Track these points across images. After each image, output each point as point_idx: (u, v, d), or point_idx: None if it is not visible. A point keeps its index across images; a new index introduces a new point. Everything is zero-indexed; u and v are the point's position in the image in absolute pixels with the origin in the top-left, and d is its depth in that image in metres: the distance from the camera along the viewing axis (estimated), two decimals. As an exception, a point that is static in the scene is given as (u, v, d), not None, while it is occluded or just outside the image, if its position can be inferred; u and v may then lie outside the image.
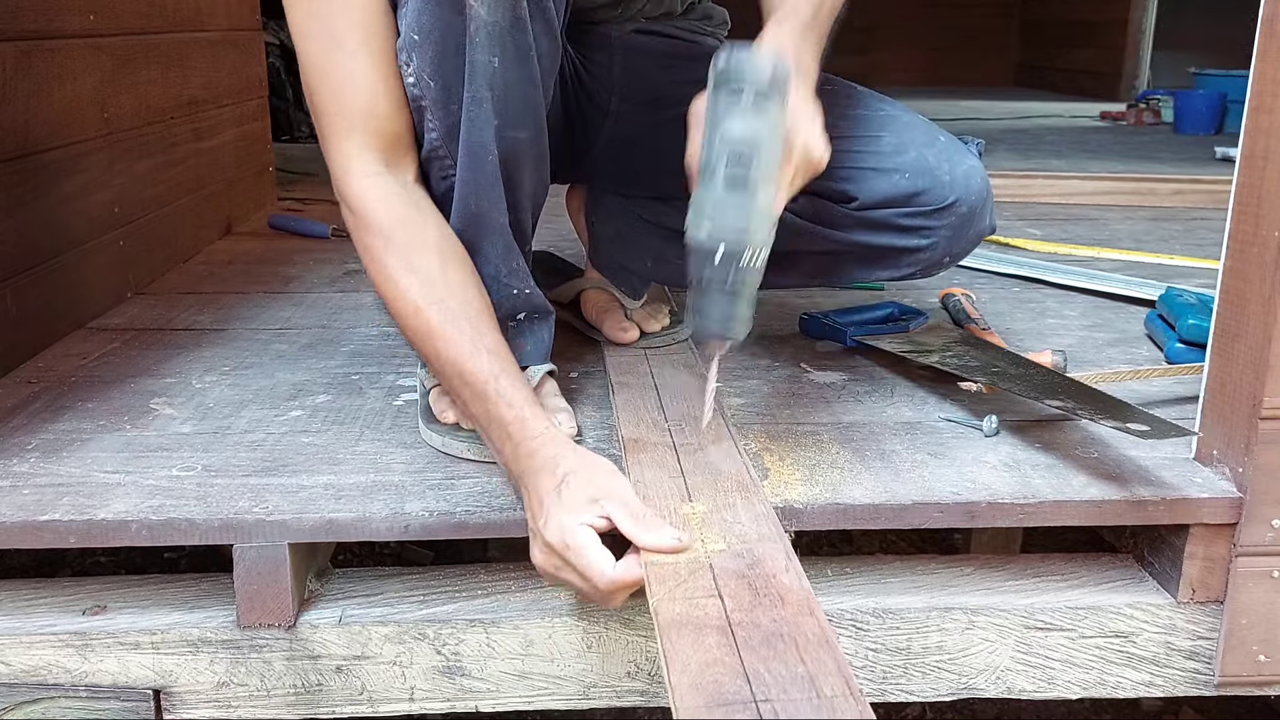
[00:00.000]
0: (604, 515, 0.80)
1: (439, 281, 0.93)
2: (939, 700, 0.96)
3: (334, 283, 1.68)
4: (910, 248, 1.11)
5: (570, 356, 1.30)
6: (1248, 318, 0.91)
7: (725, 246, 0.82)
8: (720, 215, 0.82)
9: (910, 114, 1.15)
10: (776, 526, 0.85)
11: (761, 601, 0.75)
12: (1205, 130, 3.96)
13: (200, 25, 1.92)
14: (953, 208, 1.08)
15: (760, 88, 0.81)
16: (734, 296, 0.84)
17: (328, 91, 0.95)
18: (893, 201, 1.09)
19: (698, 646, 0.70)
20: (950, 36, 6.63)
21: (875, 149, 1.10)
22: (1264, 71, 0.88)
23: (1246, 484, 0.92)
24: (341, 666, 0.92)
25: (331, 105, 0.95)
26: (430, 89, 0.93)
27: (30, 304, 1.29)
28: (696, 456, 0.96)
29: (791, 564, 0.79)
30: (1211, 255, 1.80)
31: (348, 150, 0.95)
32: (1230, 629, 0.94)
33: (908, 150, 1.09)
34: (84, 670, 0.90)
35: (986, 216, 1.12)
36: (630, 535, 0.80)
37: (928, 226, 1.09)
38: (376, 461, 1.00)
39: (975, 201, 1.09)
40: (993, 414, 1.07)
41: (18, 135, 1.26)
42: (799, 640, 0.71)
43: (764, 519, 0.86)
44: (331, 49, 0.94)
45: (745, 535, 0.83)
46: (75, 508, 0.90)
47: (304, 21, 0.95)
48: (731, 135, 0.82)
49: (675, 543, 0.80)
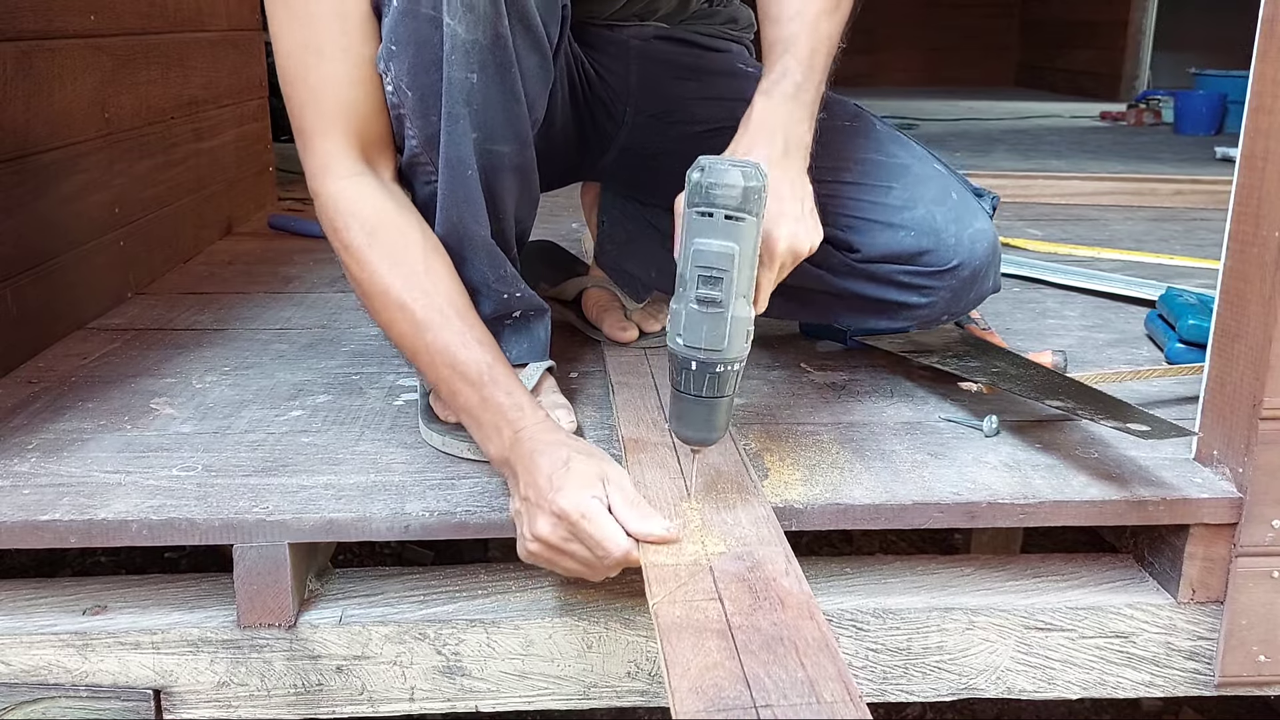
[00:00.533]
0: (605, 497, 0.81)
1: (423, 277, 0.93)
2: (939, 700, 0.96)
3: (334, 283, 1.68)
4: (909, 304, 1.10)
5: (570, 356, 1.30)
6: (1248, 318, 0.91)
7: (697, 362, 0.81)
8: (692, 332, 0.80)
9: (926, 163, 1.13)
10: (776, 529, 0.85)
11: (761, 605, 0.75)
12: (1205, 130, 3.96)
13: (200, 25, 1.92)
14: (955, 270, 1.07)
15: (730, 209, 0.79)
16: (711, 406, 0.83)
17: (305, 93, 0.94)
18: (896, 258, 1.08)
19: (698, 650, 0.70)
20: (950, 36, 6.63)
21: (884, 200, 1.09)
22: (1264, 71, 0.89)
23: (1246, 484, 0.92)
24: (342, 666, 0.92)
25: (309, 107, 0.95)
26: (408, 98, 0.93)
27: (30, 304, 1.29)
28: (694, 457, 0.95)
29: (791, 567, 0.80)
30: (1211, 255, 1.80)
31: (326, 149, 0.95)
32: (1230, 629, 0.94)
33: (916, 206, 1.08)
34: (84, 670, 0.90)
35: (990, 279, 1.11)
36: (624, 520, 0.80)
37: (929, 286, 1.08)
38: (376, 461, 1.00)
39: (979, 265, 1.08)
40: (993, 414, 1.07)
41: (17, 135, 1.26)
42: (799, 644, 0.71)
43: (764, 521, 0.86)
44: (309, 53, 0.94)
45: (745, 538, 0.83)
46: (75, 508, 0.90)
47: (283, 26, 0.94)
48: (702, 257, 0.79)
49: (665, 533, 0.80)
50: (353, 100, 0.94)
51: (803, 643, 0.71)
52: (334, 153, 0.94)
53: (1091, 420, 1.02)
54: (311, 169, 0.96)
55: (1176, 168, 2.90)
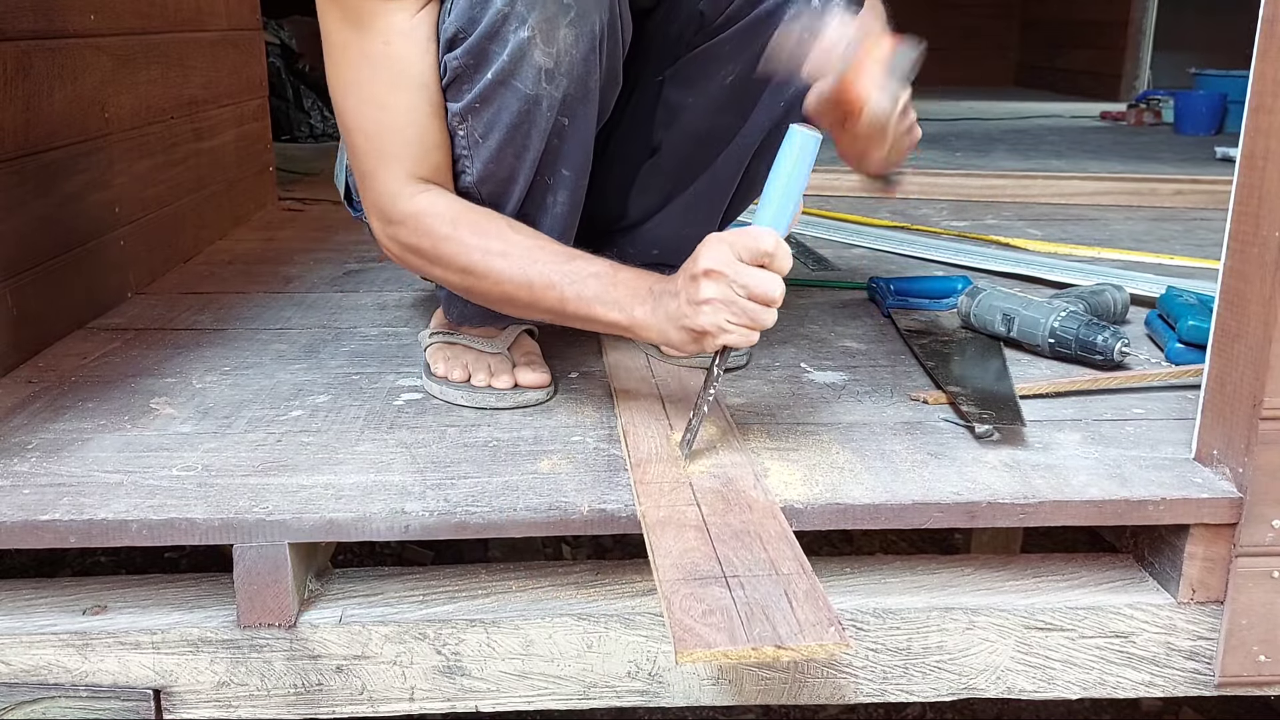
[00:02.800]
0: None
1: (511, 234, 1.01)
2: (939, 700, 0.96)
3: (334, 283, 1.68)
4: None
5: (570, 356, 1.30)
6: (1248, 318, 0.91)
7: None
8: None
9: None
10: (749, 459, 0.98)
11: (733, 509, 0.90)
12: (1205, 130, 3.96)
13: (200, 25, 1.92)
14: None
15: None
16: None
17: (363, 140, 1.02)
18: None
19: (678, 539, 0.85)
20: (950, 36, 6.62)
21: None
22: (1264, 71, 0.88)
23: (1246, 484, 0.92)
24: (341, 666, 0.92)
25: (372, 153, 1.02)
26: (483, 145, 1.02)
27: (30, 304, 1.29)
28: (680, 405, 1.10)
29: (760, 484, 0.94)
30: (1211, 255, 1.80)
31: (394, 175, 1.02)
32: (1230, 629, 0.94)
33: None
34: (84, 670, 0.90)
35: None
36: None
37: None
38: (377, 461, 1.00)
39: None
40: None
41: (18, 135, 1.26)
42: (763, 536, 0.86)
43: (737, 451, 1.00)
44: (375, 109, 1.01)
45: (721, 463, 0.98)
46: (75, 507, 0.90)
47: (346, 84, 1.01)
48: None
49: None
50: (419, 143, 1.02)
51: (766, 535, 0.86)
52: (402, 178, 1.02)
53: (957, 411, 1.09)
54: (380, 198, 1.03)
55: (1176, 168, 2.90)
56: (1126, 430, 1.07)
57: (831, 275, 1.73)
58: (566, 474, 0.97)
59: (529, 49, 0.95)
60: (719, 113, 1.17)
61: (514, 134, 1.00)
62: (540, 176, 1.04)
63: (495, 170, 1.03)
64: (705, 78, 1.16)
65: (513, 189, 1.04)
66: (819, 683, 0.94)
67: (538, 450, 1.02)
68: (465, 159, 1.03)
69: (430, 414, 1.12)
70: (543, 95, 0.97)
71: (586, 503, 0.91)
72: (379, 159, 1.02)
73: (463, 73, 0.98)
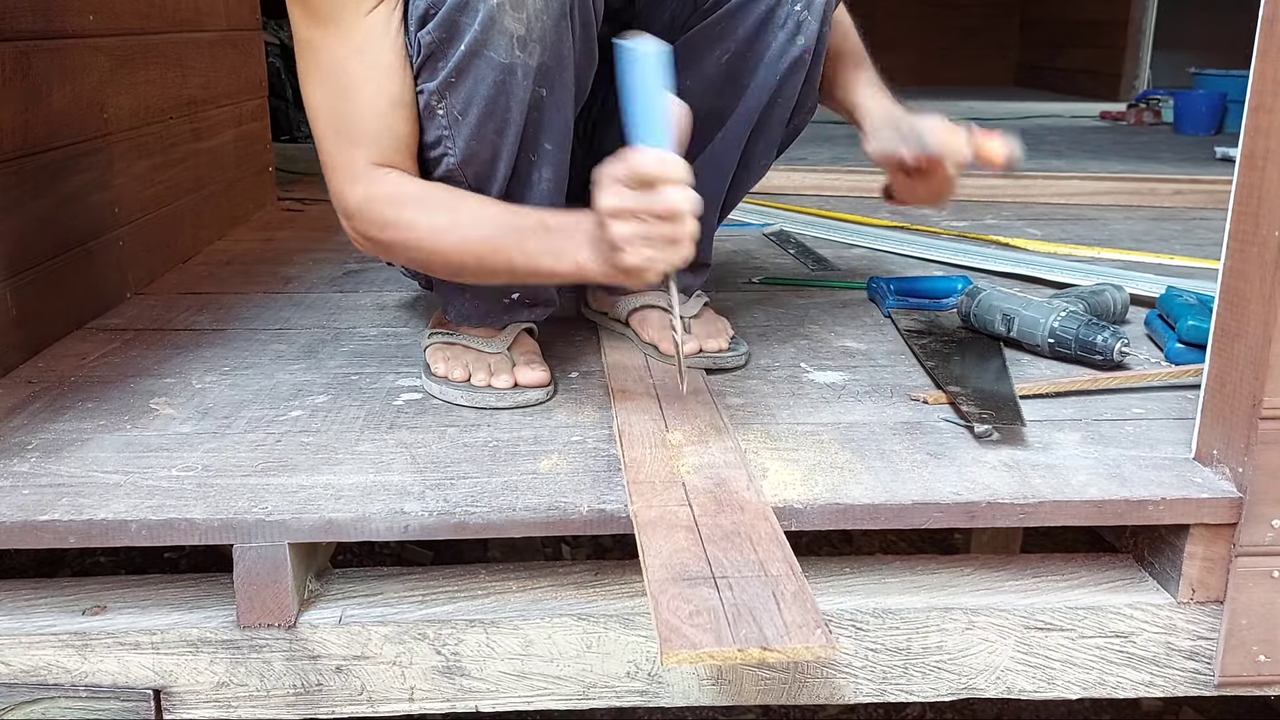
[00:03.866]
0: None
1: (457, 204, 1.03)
2: (939, 700, 0.96)
3: (334, 283, 1.68)
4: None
5: (570, 357, 1.30)
6: (1248, 318, 0.91)
7: None
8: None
9: None
10: (743, 458, 0.98)
11: (724, 510, 0.90)
12: (1205, 130, 3.96)
13: (199, 25, 1.92)
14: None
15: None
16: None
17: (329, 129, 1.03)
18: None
19: (669, 539, 0.85)
20: (950, 36, 6.63)
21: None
22: (1264, 71, 0.88)
23: (1246, 484, 0.92)
24: (341, 666, 0.92)
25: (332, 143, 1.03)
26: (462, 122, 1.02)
27: (30, 304, 1.29)
28: (676, 405, 1.11)
29: (752, 485, 0.93)
30: (1211, 255, 1.80)
31: (353, 163, 1.02)
32: (1230, 629, 0.94)
33: None
34: (84, 670, 0.90)
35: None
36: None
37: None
38: (376, 461, 1.00)
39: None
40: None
41: (17, 135, 1.26)
42: (754, 537, 0.86)
43: (731, 451, 1.00)
44: (339, 98, 1.02)
45: (714, 463, 0.98)
46: (75, 508, 0.90)
47: (311, 76, 1.03)
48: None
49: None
50: (383, 132, 1.02)
51: (757, 536, 0.86)
52: (356, 165, 1.02)
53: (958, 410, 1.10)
54: (338, 180, 1.04)
55: (1176, 167, 2.90)
56: (1126, 430, 1.07)
57: (831, 275, 1.73)
58: (566, 474, 0.97)
59: (499, 16, 0.95)
60: (714, 94, 1.16)
61: (493, 106, 1.00)
62: (524, 153, 1.04)
63: (478, 149, 1.03)
64: (700, 59, 1.16)
65: (497, 167, 1.04)
66: (818, 683, 0.94)
67: (537, 450, 1.02)
68: (447, 140, 1.03)
69: (430, 414, 1.12)
70: (517, 64, 0.97)
71: (586, 503, 0.91)
72: (338, 149, 1.03)
73: (436, 48, 0.98)
